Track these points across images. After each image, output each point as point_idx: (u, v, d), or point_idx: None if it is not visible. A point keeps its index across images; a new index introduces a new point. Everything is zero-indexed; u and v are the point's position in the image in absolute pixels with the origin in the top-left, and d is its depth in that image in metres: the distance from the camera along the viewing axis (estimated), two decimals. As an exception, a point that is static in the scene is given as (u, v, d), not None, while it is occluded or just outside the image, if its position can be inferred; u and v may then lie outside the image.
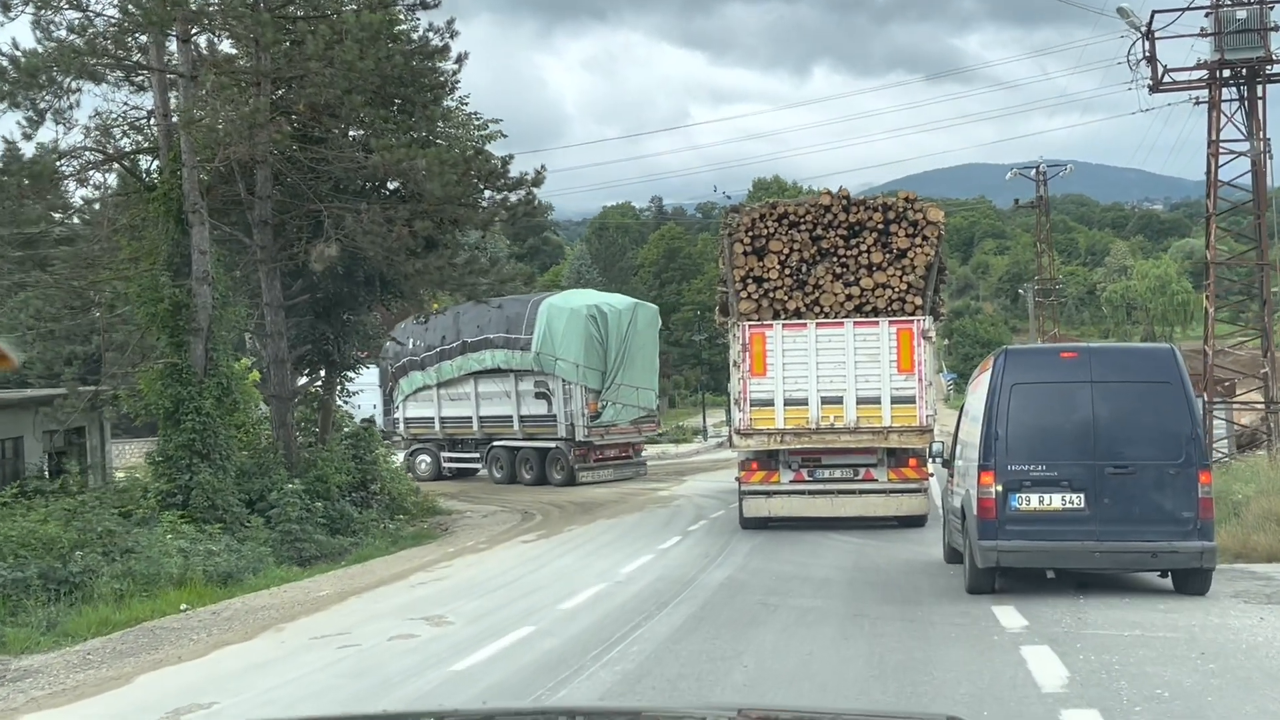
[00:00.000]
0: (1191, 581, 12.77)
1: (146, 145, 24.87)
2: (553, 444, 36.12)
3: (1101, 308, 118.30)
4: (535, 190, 25.27)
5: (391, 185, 25.88)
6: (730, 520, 23.19)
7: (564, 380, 35.33)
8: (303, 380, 27.37)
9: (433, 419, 39.34)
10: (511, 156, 24.96)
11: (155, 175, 23.93)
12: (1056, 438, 12.62)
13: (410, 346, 38.00)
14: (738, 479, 21.26)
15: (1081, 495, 12.43)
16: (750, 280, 20.81)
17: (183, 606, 14.88)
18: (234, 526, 21.72)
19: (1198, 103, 26.62)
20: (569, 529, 23.18)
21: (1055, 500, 12.47)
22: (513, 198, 25.32)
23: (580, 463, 35.81)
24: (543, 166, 25.46)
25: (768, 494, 20.97)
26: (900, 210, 20.76)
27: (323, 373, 28.45)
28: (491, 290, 26.24)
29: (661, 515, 25.21)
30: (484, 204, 25.55)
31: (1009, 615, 11.59)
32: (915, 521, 20.97)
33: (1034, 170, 59.80)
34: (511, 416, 37.20)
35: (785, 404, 20.45)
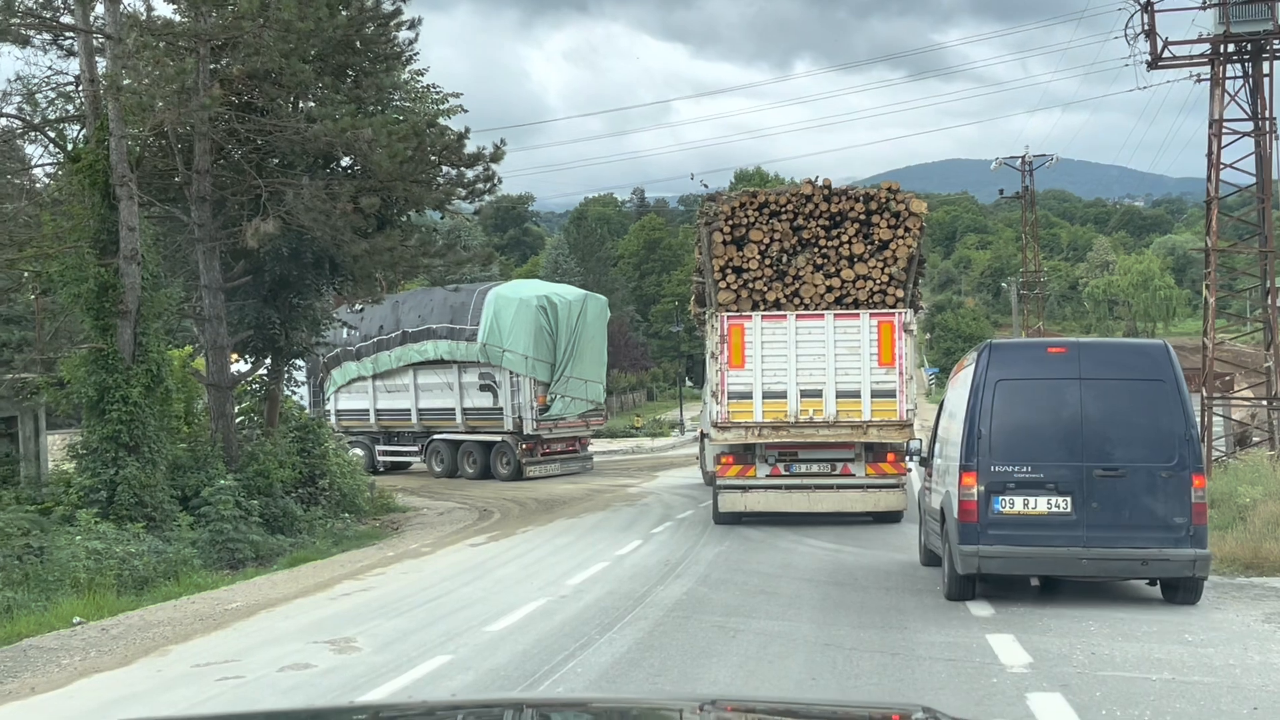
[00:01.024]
0: (1182, 591, 12.16)
1: (75, 114, 23.12)
2: (499, 437, 35.27)
3: (1084, 303, 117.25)
4: (494, 166, 23.63)
5: (345, 162, 24.23)
6: (698, 521, 21.66)
7: (511, 372, 34.55)
8: (245, 367, 25.61)
9: (368, 411, 38.00)
10: (468, 130, 23.28)
11: (82, 145, 22.22)
12: (1043, 437, 12.02)
13: (345, 336, 36.57)
14: (712, 473, 20.55)
15: (1068, 499, 11.84)
16: (730, 270, 20.28)
17: (75, 620, 13.21)
18: (163, 525, 20.10)
19: (1199, 80, 25.09)
20: (524, 530, 21.53)
21: (1040, 504, 11.87)
22: (470, 174, 23.68)
23: (527, 457, 35.00)
24: (502, 141, 23.89)
25: (743, 488, 20.43)
26: (883, 201, 20.28)
27: (269, 361, 26.67)
28: (448, 273, 24.54)
29: (626, 515, 23.59)
30: (440, 181, 23.89)
31: (1009, 648, 9.95)
32: (891, 517, 20.56)
33: (1019, 160, 58.40)
34: (454, 409, 36.22)
35: (764, 397, 19.94)
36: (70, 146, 22.83)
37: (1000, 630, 10.75)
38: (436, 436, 36.76)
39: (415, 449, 37.57)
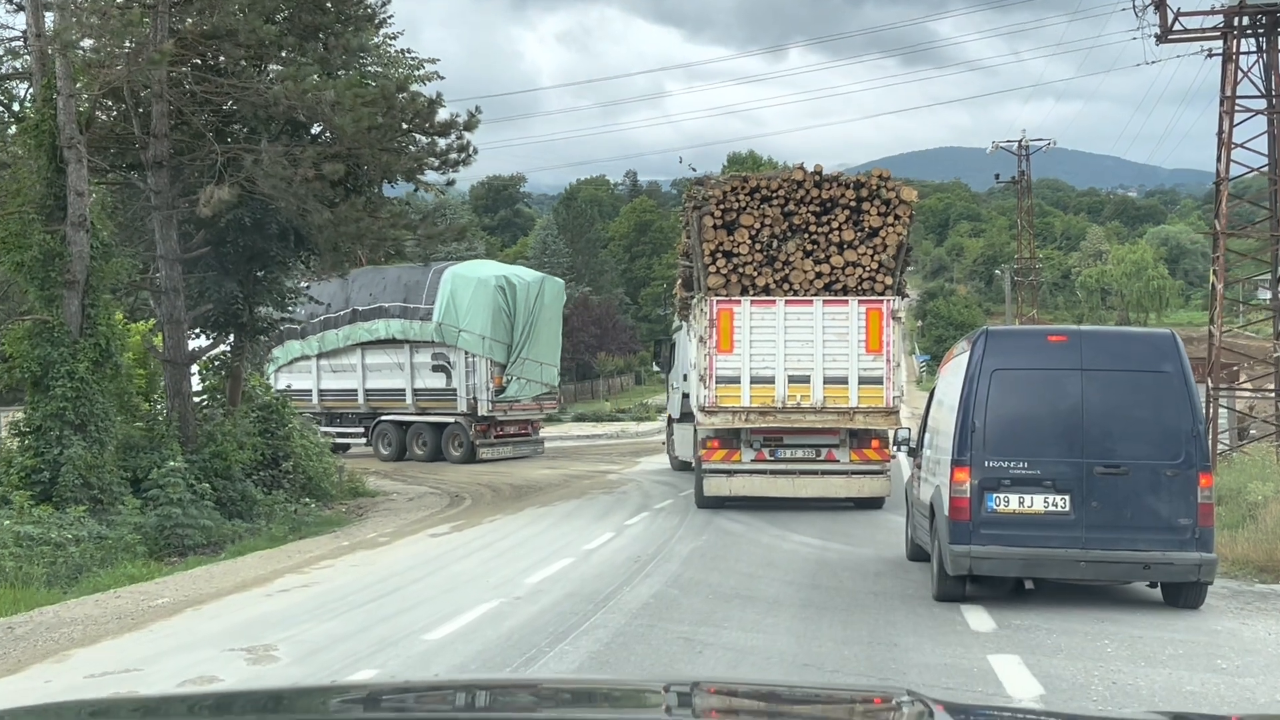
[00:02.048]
0: (1185, 595, 11.48)
1: (23, 71, 21.87)
2: (451, 419, 34.54)
3: (1076, 292, 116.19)
4: (469, 135, 22.36)
5: (315, 130, 22.99)
6: (676, 511, 20.52)
7: (467, 353, 33.83)
8: (204, 343, 24.34)
9: (310, 391, 36.84)
10: (441, 96, 22.03)
11: (29, 105, 21.01)
12: (1040, 431, 11.38)
13: (311, 312, 35.21)
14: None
15: (1066, 497, 11.18)
16: (720, 254, 20.15)
17: (-15, 615, 12.04)
18: (110, 509, 18.92)
19: (1210, 55, 23.89)
20: (491, 519, 20.34)
21: (1037, 502, 11.21)
22: (443, 143, 22.43)
23: (481, 438, 34.34)
24: (477, 109, 22.62)
25: (729, 473, 20.42)
26: (873, 189, 20.21)
27: (231, 337, 25.41)
28: (421, 248, 23.30)
29: (601, 503, 22.42)
30: (411, 149, 22.64)
31: (1015, 674, 8.68)
32: (874, 503, 20.57)
33: (1016, 145, 57.27)
34: (404, 390, 35.35)
35: (752, 382, 19.95)
36: (18, 106, 21.66)
37: (1004, 649, 9.54)
38: (384, 418, 35.80)
39: (360, 430, 36.51)
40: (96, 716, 2.85)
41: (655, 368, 46.90)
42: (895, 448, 16.10)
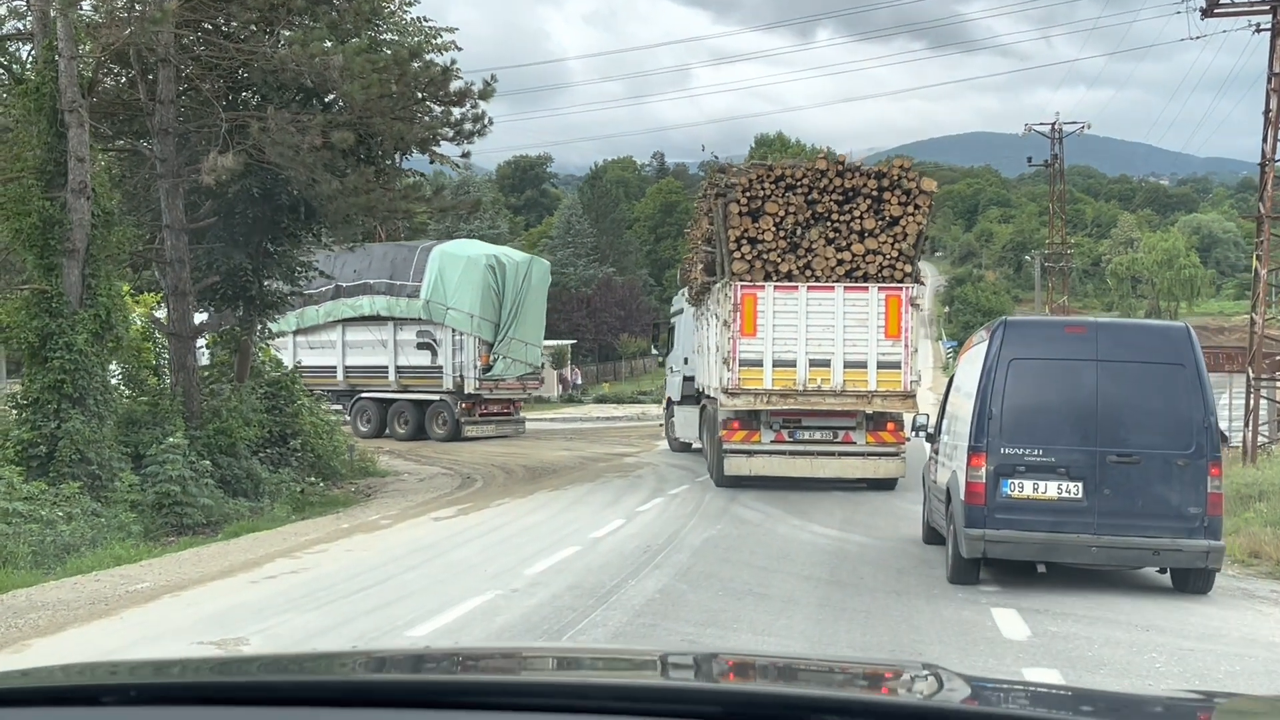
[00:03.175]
0: (1193, 581, 11.81)
1: (25, 32, 21.20)
2: (436, 396, 34.73)
3: (1106, 280, 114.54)
4: (483, 104, 21.60)
5: (329, 99, 22.25)
6: (692, 498, 19.83)
7: (454, 330, 34.04)
8: (208, 317, 23.67)
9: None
10: (455, 63, 21.26)
11: (30, 67, 20.32)
12: (1056, 420, 11.65)
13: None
14: (719, 438, 21.05)
15: (1080, 484, 11.46)
16: (745, 241, 20.59)
17: (-46, 598, 11.39)
18: (107, 486, 18.31)
19: (1258, 30, 22.87)
20: (499, 502, 19.65)
21: (1051, 488, 11.50)
22: (457, 112, 21.66)
23: (466, 417, 34.52)
24: (493, 77, 21.84)
25: (749, 453, 20.98)
26: (895, 178, 20.61)
27: (240, 309, 24.72)
28: (431, 219, 22.56)
29: (614, 488, 21.70)
30: (426, 119, 21.88)
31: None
32: (888, 484, 21.19)
33: (1050, 127, 56.09)
34: (387, 367, 35.37)
35: (774, 365, 20.46)
36: (19, 69, 20.99)
37: (1040, 662, 8.65)
38: (364, 395, 35.54)
39: (339, 408, 35.71)
40: (83, 674, 2.81)
41: (654, 351, 46.58)
42: (914, 433, 16.10)
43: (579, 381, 63.46)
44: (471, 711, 2.34)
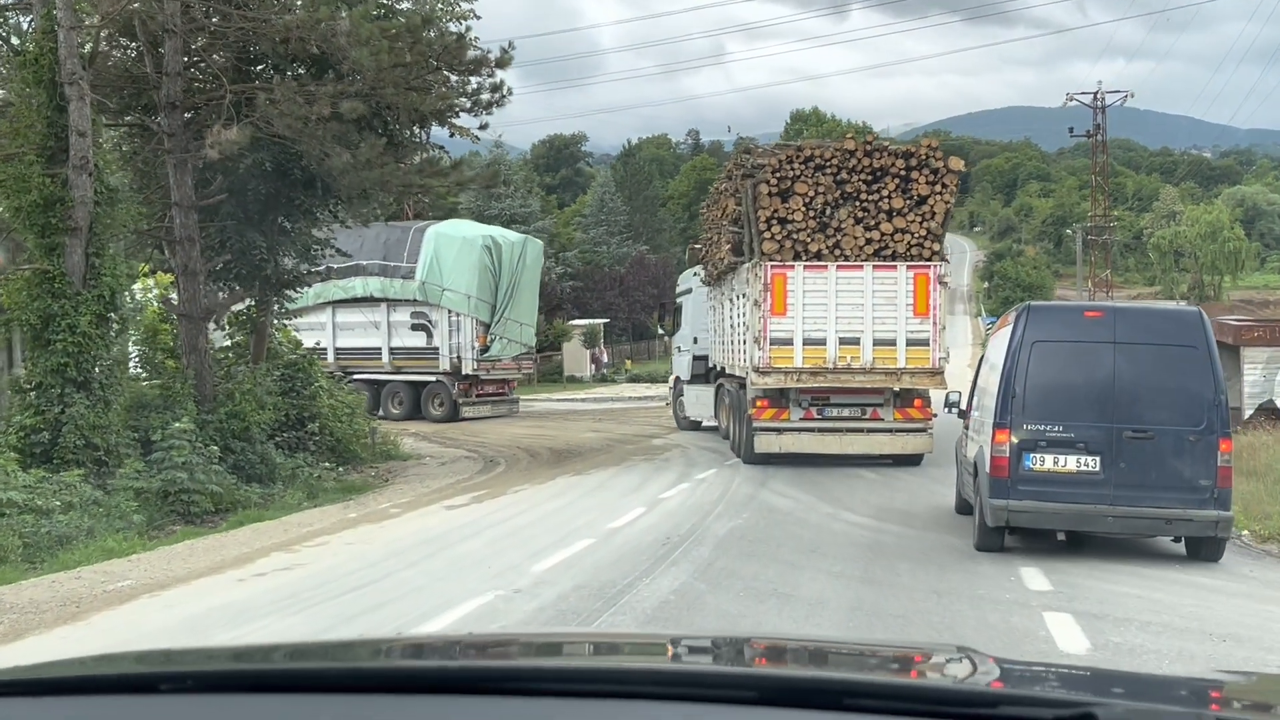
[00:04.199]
0: (1205, 549, 12.52)
1: (23, 1, 20.49)
2: (432, 377, 34.90)
3: (1149, 254, 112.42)
4: (500, 71, 20.73)
5: (342, 69, 21.40)
6: (718, 484, 18.99)
7: (451, 311, 34.23)
8: (221, 297, 22.90)
9: None
10: (470, 30, 20.39)
11: (29, 38, 19.59)
12: (1075, 398, 12.34)
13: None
14: (748, 416, 21.28)
15: (1097, 458, 12.15)
16: (775, 221, 20.74)
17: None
18: (111, 473, 17.62)
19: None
20: (518, 488, 18.83)
21: (1070, 462, 12.21)
22: (474, 81, 20.80)
23: (464, 397, 34.79)
24: (510, 44, 21.01)
25: (778, 430, 21.22)
26: (922, 158, 20.83)
27: (257, 289, 23.96)
28: (448, 193, 21.72)
29: (638, 473, 20.86)
30: (441, 89, 21.02)
31: None
32: (914, 460, 21.52)
33: (1092, 96, 54.64)
34: (380, 348, 35.50)
35: (804, 343, 20.68)
36: (18, 41, 20.30)
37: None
38: (355, 376, 34.81)
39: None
40: (102, 663, 2.86)
41: (660, 331, 46.13)
42: (947, 409, 16.29)
43: (606, 360, 62.64)
44: (512, 698, 2.34)
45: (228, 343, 25.00)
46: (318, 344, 32.97)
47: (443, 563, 11.88)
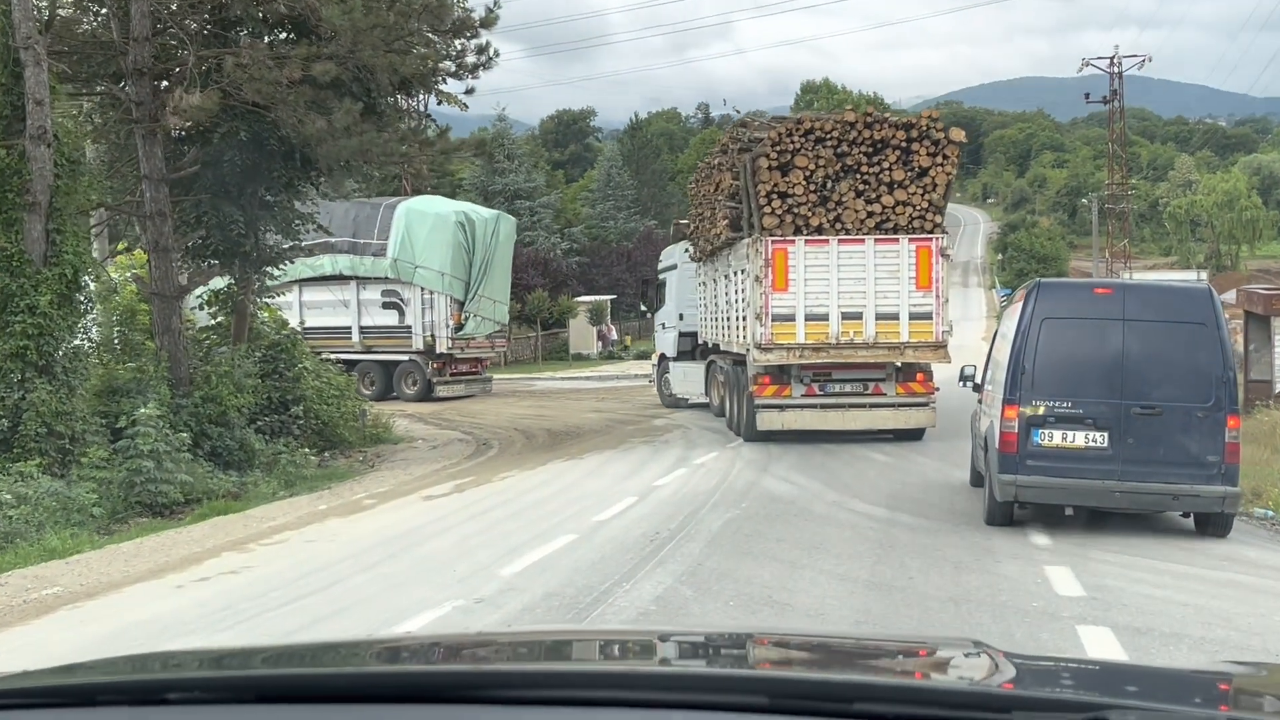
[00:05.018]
0: (1212, 524, 12.56)
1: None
2: (405, 356, 34.40)
3: (1164, 223, 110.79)
4: (485, 33, 19.54)
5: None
6: (718, 468, 17.88)
7: (424, 289, 33.69)
8: (188, 274, 21.77)
9: None
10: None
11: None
12: (1084, 375, 12.42)
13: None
14: (750, 393, 21.07)
15: (1105, 434, 12.25)
16: (775, 195, 20.47)
17: None
18: (76, 461, 16.57)
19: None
20: (505, 475, 17.73)
21: (1078, 438, 12.31)
22: (458, 43, 19.62)
23: (438, 376, 34.32)
24: (496, 3, 19.76)
25: (780, 407, 21.09)
26: (923, 129, 20.60)
27: (236, 267, 22.84)
28: (431, 165, 20.59)
29: (636, 456, 19.76)
30: (422, 50, 19.84)
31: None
32: (916, 434, 21.38)
33: (1108, 62, 53.20)
34: (350, 328, 34.83)
35: (806, 319, 20.48)
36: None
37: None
38: (325, 357, 33.93)
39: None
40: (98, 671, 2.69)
41: (642, 308, 45.11)
42: (961, 383, 16.06)
43: (614, 337, 61.55)
44: (514, 707, 2.23)
45: (211, 323, 23.95)
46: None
47: (404, 565, 10.74)
